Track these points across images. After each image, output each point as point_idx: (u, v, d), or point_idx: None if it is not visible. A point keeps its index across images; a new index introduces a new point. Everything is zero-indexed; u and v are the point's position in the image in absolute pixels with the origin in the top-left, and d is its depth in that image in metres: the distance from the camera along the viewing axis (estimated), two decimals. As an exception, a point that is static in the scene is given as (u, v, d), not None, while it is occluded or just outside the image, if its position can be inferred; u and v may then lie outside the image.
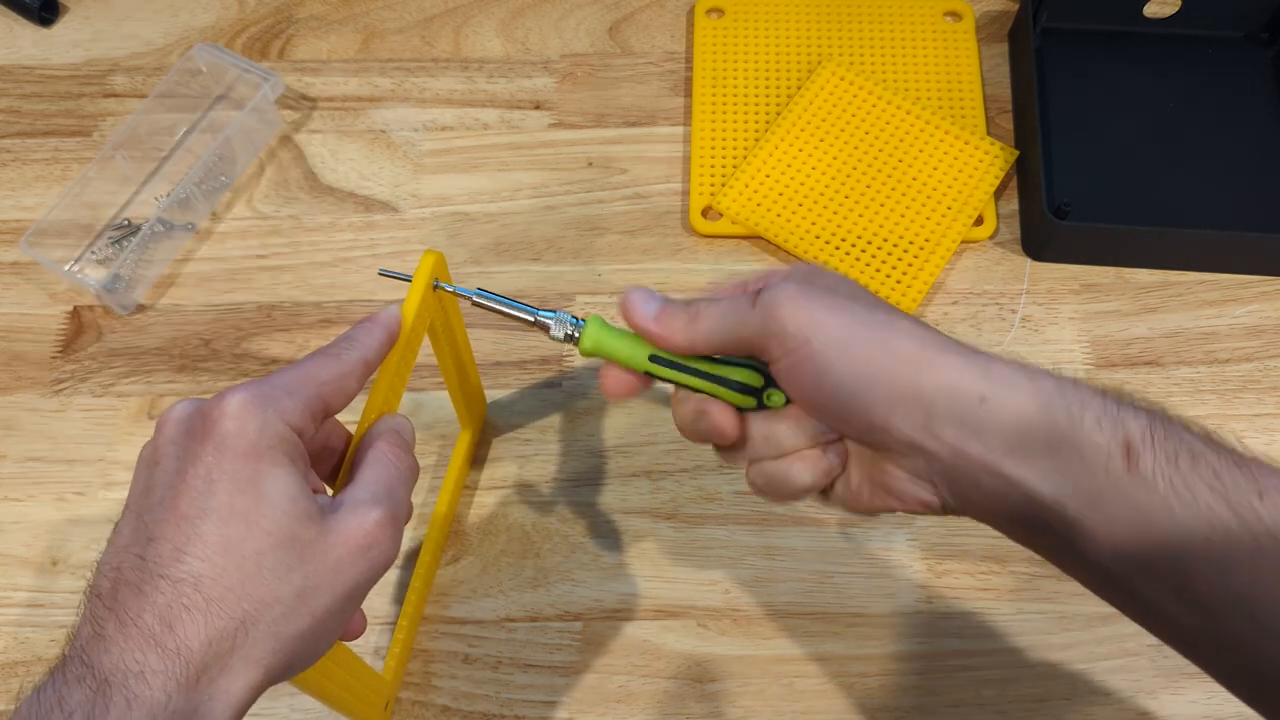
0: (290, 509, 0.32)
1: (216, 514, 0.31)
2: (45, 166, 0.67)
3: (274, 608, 0.31)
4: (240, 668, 0.31)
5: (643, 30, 0.72)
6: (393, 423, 0.39)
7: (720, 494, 0.57)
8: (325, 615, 0.33)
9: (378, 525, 0.34)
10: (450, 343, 0.49)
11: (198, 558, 0.31)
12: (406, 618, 0.53)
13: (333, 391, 0.36)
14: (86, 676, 0.30)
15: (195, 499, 0.32)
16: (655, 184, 0.66)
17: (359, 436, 0.38)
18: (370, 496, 0.35)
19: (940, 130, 0.66)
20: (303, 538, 0.32)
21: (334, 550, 0.33)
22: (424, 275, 0.43)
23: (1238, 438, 0.59)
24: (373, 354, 0.38)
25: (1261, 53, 0.69)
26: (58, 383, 0.61)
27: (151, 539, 0.32)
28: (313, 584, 0.32)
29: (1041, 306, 0.62)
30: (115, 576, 0.31)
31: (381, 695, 0.49)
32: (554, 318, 0.41)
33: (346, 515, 0.34)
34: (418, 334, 0.43)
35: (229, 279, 0.64)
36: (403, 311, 0.41)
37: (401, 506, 0.36)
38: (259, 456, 0.33)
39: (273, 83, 0.65)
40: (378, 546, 0.34)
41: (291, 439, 0.34)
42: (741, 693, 0.52)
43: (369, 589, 0.35)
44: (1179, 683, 0.52)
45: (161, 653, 0.30)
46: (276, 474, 0.33)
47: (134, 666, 0.30)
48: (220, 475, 0.32)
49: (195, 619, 0.30)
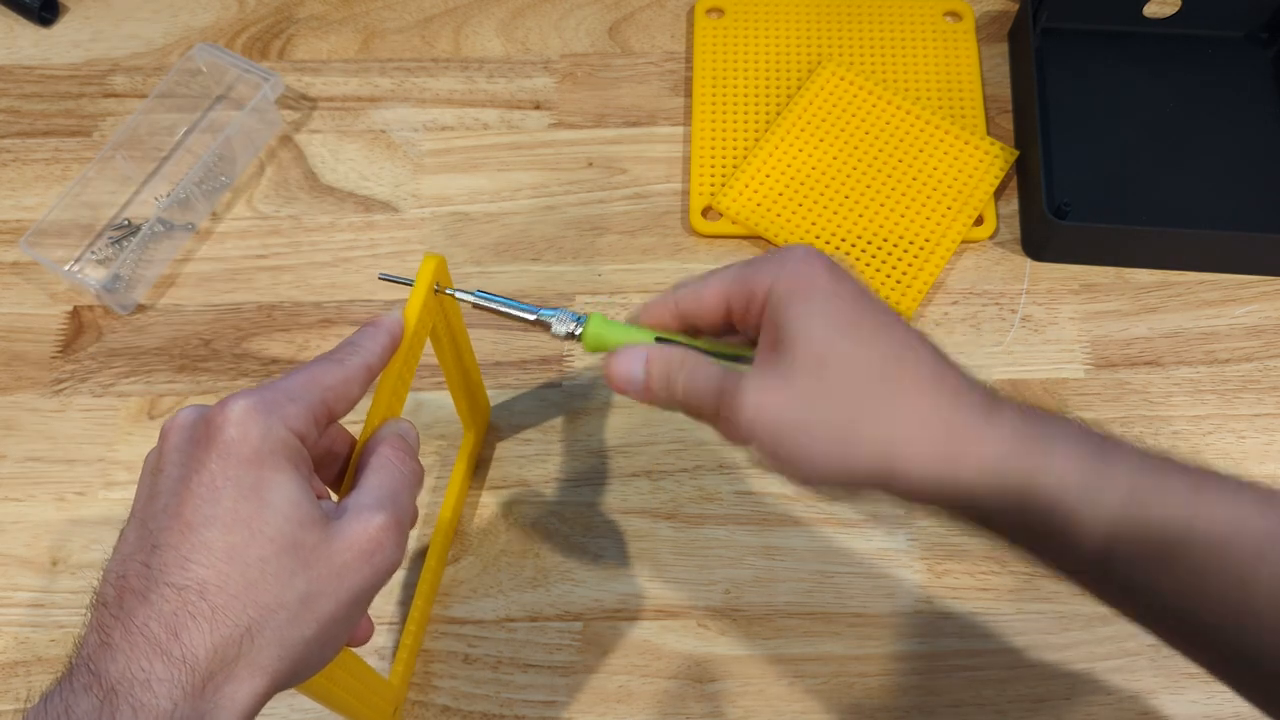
0: (294, 515, 0.32)
1: (221, 521, 0.32)
2: (45, 166, 0.67)
3: (279, 614, 0.31)
4: (246, 675, 0.31)
5: (643, 30, 0.72)
6: (397, 427, 0.39)
7: (720, 494, 0.57)
8: (330, 621, 0.33)
9: (382, 530, 0.34)
10: (452, 346, 0.49)
11: (202, 565, 0.31)
12: (414, 622, 0.53)
13: (336, 397, 0.36)
14: (93, 685, 0.30)
15: (199, 506, 0.32)
16: (655, 184, 0.66)
17: (363, 441, 0.38)
18: (374, 501, 0.35)
19: (940, 130, 0.66)
20: (306, 543, 0.32)
21: (338, 556, 0.33)
22: (425, 280, 0.43)
23: (1238, 437, 0.59)
24: (376, 359, 0.38)
25: (1261, 53, 0.69)
26: (58, 383, 0.61)
27: (156, 546, 0.32)
28: (317, 590, 0.32)
29: (1041, 306, 0.62)
30: (120, 584, 0.31)
31: (389, 701, 0.49)
32: (555, 316, 0.42)
33: (350, 520, 0.34)
34: (420, 338, 0.43)
35: (229, 279, 0.64)
36: (404, 316, 0.41)
37: (406, 511, 0.36)
38: (262, 463, 0.33)
39: (273, 83, 0.65)
40: (382, 551, 0.34)
41: (294, 445, 0.34)
42: (741, 693, 0.52)
43: (374, 594, 0.35)
44: (1179, 683, 0.52)
45: (167, 661, 0.30)
46: (280, 480, 0.33)
47: (140, 675, 0.30)
48: (224, 482, 0.32)
49: (201, 626, 0.30)
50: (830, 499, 0.37)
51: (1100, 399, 0.59)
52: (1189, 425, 0.58)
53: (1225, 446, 0.58)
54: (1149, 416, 0.59)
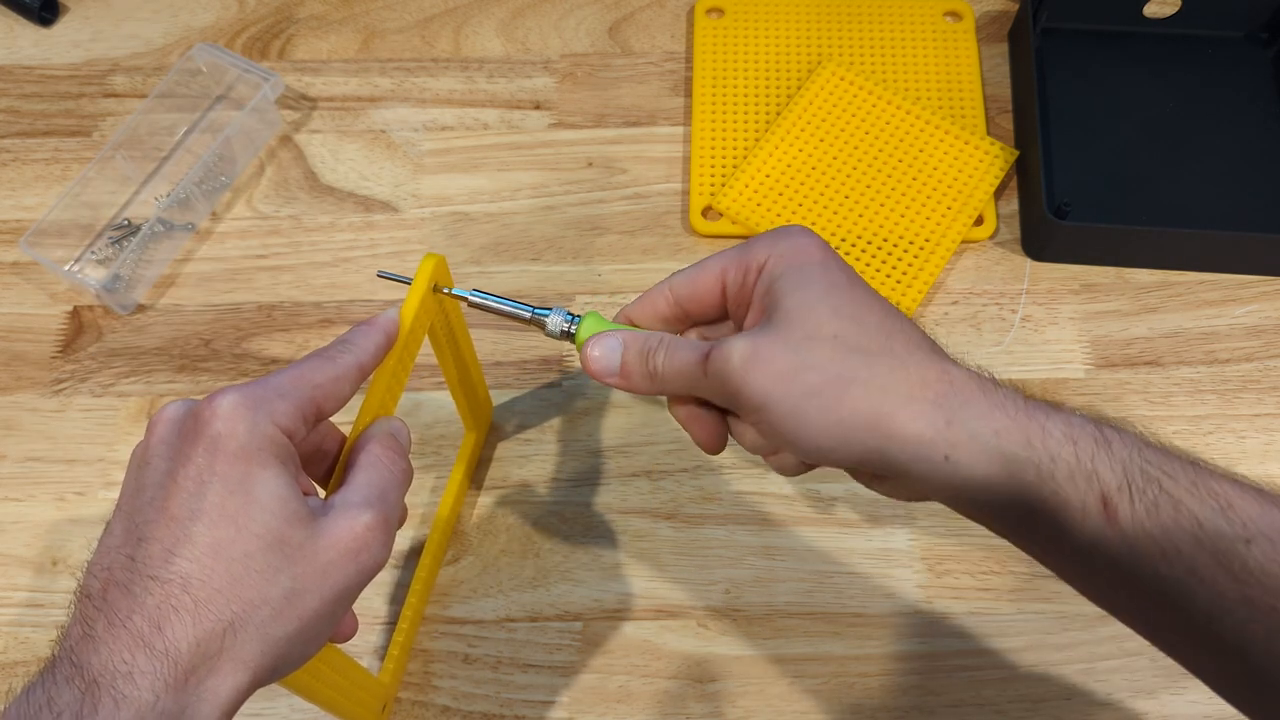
0: (280, 511, 0.32)
1: (207, 516, 0.32)
2: (45, 166, 0.67)
3: (262, 610, 0.31)
4: (229, 669, 0.31)
5: (643, 30, 0.72)
6: (388, 425, 0.39)
7: (720, 494, 0.57)
8: (313, 618, 0.33)
9: (368, 529, 0.34)
10: (452, 346, 0.49)
11: (187, 559, 0.31)
12: (406, 620, 0.53)
13: (326, 395, 0.36)
14: (75, 677, 0.30)
15: (185, 500, 0.32)
16: (655, 184, 0.66)
17: (353, 438, 0.38)
18: (362, 499, 0.35)
19: (940, 130, 0.66)
20: (292, 540, 0.32)
21: (323, 553, 0.33)
22: (424, 278, 0.42)
23: (1238, 437, 0.59)
24: (369, 358, 0.38)
25: (1261, 53, 0.69)
26: (58, 383, 0.61)
27: (142, 540, 0.32)
28: (301, 586, 0.32)
29: (1041, 306, 0.62)
30: (106, 577, 0.32)
31: (378, 697, 0.49)
32: (549, 314, 0.42)
33: (337, 518, 0.34)
34: (416, 337, 0.43)
35: (229, 279, 0.64)
36: (401, 315, 0.41)
37: (394, 510, 0.36)
38: (249, 458, 0.33)
39: (273, 83, 0.65)
40: (368, 550, 0.34)
41: (282, 441, 0.34)
42: (741, 693, 0.52)
43: (358, 592, 0.35)
44: (1179, 682, 0.52)
45: (150, 654, 0.30)
46: (266, 476, 0.33)
47: (122, 667, 0.30)
48: (211, 477, 0.32)
49: (184, 620, 0.30)
50: (823, 463, 0.36)
51: (1100, 399, 0.59)
52: (1189, 425, 0.58)
53: (1225, 446, 0.58)
54: (1149, 416, 0.59)
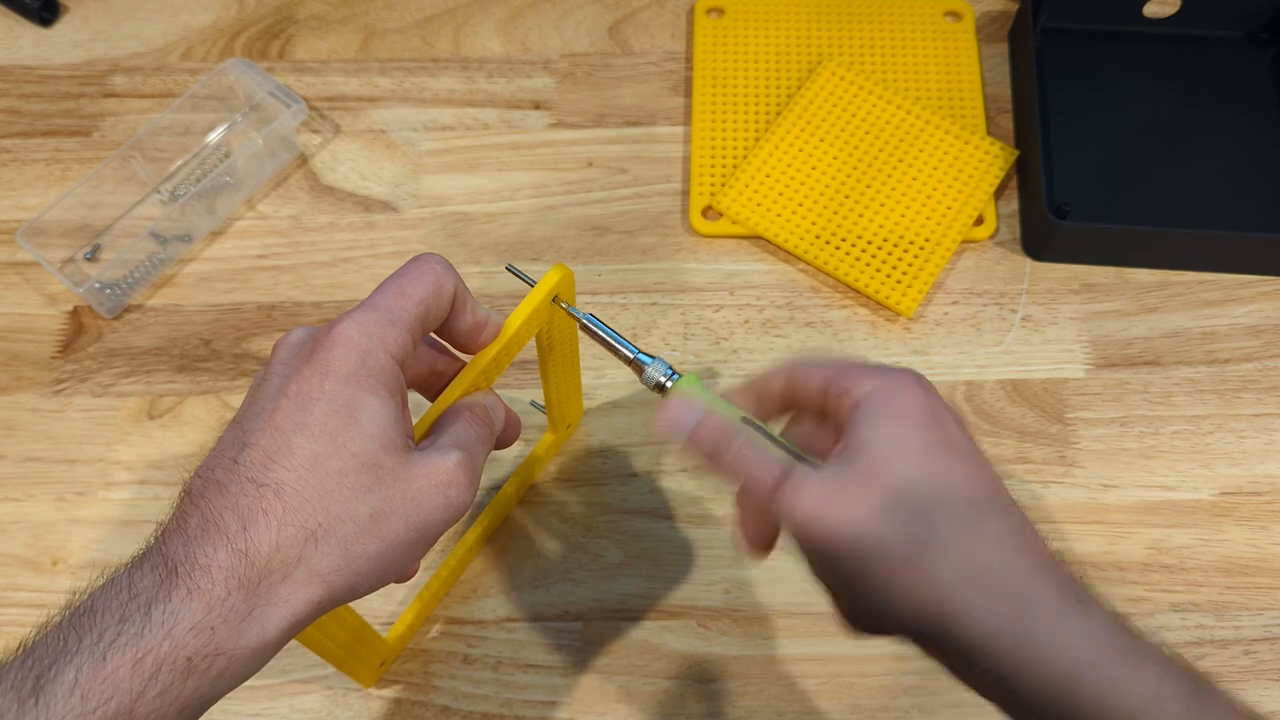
0: (379, 437, 0.34)
1: (309, 430, 0.33)
2: (45, 166, 0.67)
3: (347, 524, 0.33)
4: (303, 579, 0.32)
5: (643, 30, 0.72)
6: (484, 398, 0.40)
7: (720, 494, 0.57)
8: (394, 542, 0.34)
9: (458, 465, 0.35)
10: (557, 353, 0.49)
11: (284, 467, 0.32)
12: (430, 588, 0.53)
13: (427, 311, 0.37)
14: (160, 565, 0.31)
15: (291, 414, 0.33)
16: (655, 184, 0.66)
17: (443, 406, 0.39)
18: (451, 443, 0.37)
19: (940, 130, 0.66)
20: (386, 464, 0.34)
21: (415, 481, 0.34)
22: (546, 286, 0.43)
23: (1238, 437, 0.59)
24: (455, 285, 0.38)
25: (1261, 53, 0.69)
26: (58, 383, 0.61)
27: (246, 445, 0.33)
28: (388, 509, 0.34)
29: (1041, 306, 0.62)
30: (208, 476, 0.33)
31: (377, 654, 0.50)
32: (652, 364, 0.42)
33: (430, 454, 0.35)
34: (521, 339, 0.43)
35: (229, 279, 0.64)
36: (513, 315, 0.42)
37: (478, 461, 0.37)
38: (359, 384, 0.34)
39: (295, 109, 0.64)
40: (456, 486, 0.35)
41: (394, 372, 0.35)
42: (741, 693, 0.52)
43: (442, 530, 0.36)
44: (1179, 683, 0.52)
45: (231, 550, 0.31)
46: (372, 404, 0.34)
47: (203, 560, 0.31)
48: (320, 395, 0.33)
49: (270, 523, 0.32)
50: (860, 632, 0.36)
51: (1100, 399, 0.59)
52: (1189, 425, 0.58)
53: (1225, 446, 0.58)
54: (1149, 416, 0.59)
